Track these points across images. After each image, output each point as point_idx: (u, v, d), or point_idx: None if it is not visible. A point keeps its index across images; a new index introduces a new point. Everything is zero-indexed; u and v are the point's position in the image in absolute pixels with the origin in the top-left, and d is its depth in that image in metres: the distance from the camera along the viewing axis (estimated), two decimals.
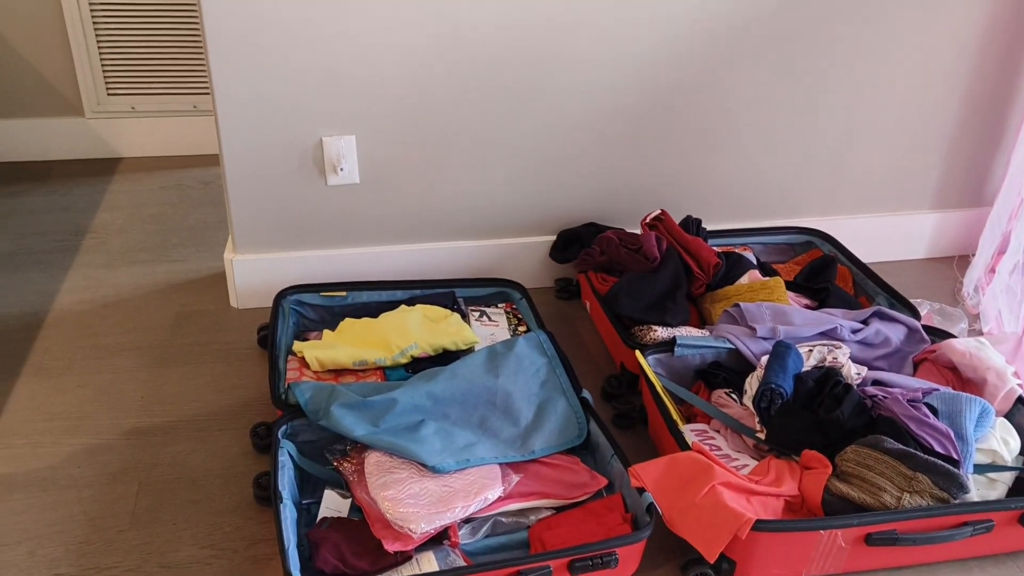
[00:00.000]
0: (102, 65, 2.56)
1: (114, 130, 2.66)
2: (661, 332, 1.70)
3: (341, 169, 1.87)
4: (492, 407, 1.52)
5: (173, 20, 2.54)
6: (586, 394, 1.56)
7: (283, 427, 1.46)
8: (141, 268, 2.12)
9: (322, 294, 1.87)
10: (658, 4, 1.82)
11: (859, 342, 1.69)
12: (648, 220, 1.94)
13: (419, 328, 1.74)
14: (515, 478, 1.38)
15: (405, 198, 1.95)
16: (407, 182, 1.93)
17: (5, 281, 2.03)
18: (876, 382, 1.58)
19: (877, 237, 2.26)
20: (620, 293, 1.77)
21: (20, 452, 1.53)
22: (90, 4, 2.47)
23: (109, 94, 2.61)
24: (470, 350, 1.73)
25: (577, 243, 2.02)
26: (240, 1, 1.66)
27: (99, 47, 2.54)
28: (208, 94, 2.66)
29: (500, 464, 1.41)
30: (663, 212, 1.94)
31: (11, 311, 1.92)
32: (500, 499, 1.34)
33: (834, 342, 1.64)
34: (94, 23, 2.50)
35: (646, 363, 1.58)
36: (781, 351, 1.53)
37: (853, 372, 1.57)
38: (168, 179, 2.58)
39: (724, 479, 1.29)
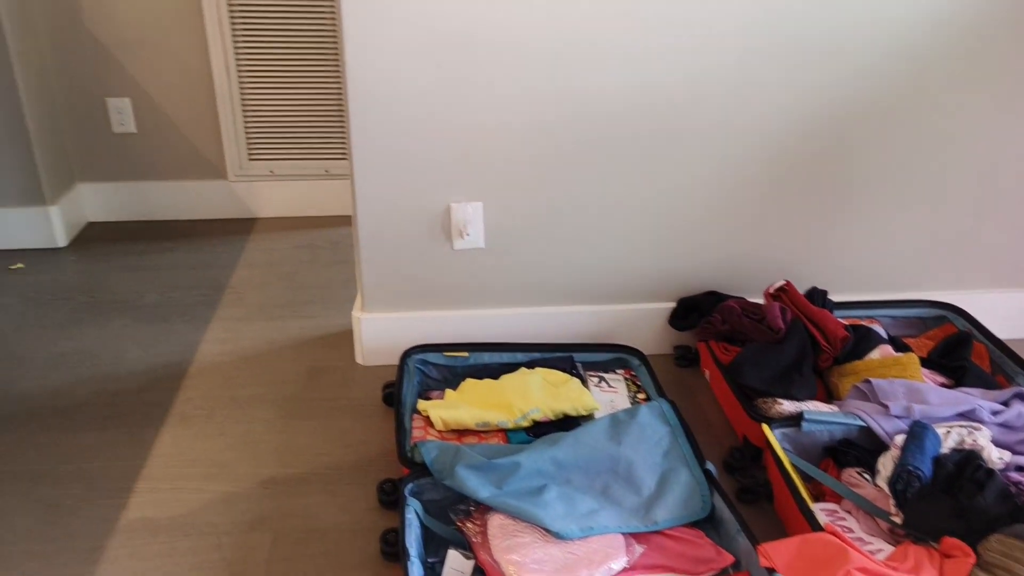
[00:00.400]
0: (246, 134, 2.75)
1: (253, 192, 2.85)
2: (787, 406, 1.66)
3: (467, 234, 1.94)
4: (615, 475, 1.52)
5: (311, 94, 2.72)
6: (710, 466, 1.54)
7: (409, 485, 1.50)
8: (276, 323, 2.24)
9: (445, 354, 1.93)
10: (783, 73, 1.83)
11: (1000, 424, 1.61)
12: (772, 290, 1.92)
13: (540, 392, 1.76)
14: (639, 549, 1.37)
15: (527, 262, 1.99)
16: (530, 247, 1.98)
17: (154, 331, 2.18)
18: (1020, 468, 1.50)
19: (1013, 313, 2.16)
20: (744, 364, 1.75)
21: (164, 496, 1.62)
22: (239, 79, 2.67)
23: (250, 159, 2.80)
24: (590, 416, 1.74)
25: (696, 311, 2.02)
26: (381, 77, 1.76)
27: (244, 118, 2.73)
28: (339, 160, 2.82)
29: (623, 534, 1.40)
30: (787, 283, 1.92)
31: (159, 360, 2.06)
32: (624, 570, 1.34)
33: (973, 424, 1.57)
34: (241, 96, 2.70)
35: (774, 437, 1.55)
36: (918, 431, 1.47)
37: (995, 456, 1.49)
38: (301, 239, 2.73)
39: (860, 564, 1.24)
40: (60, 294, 2.35)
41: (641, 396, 1.84)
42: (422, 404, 1.75)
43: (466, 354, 1.93)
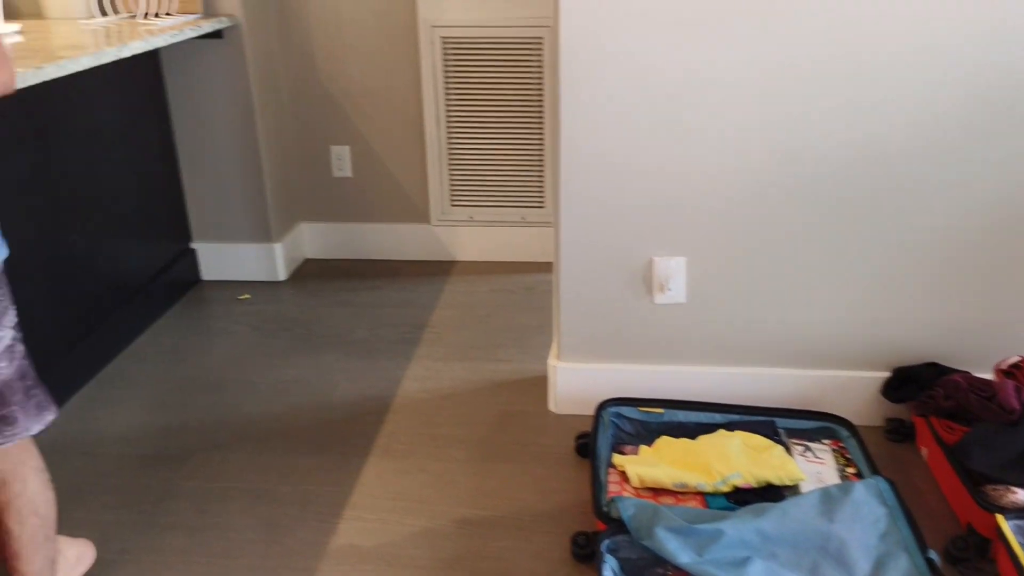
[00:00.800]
0: (450, 181, 2.90)
1: (453, 236, 2.98)
2: (1022, 495, 1.51)
3: (669, 289, 1.92)
4: (825, 553, 1.44)
5: (513, 144, 2.82)
6: (932, 554, 1.42)
7: (606, 541, 1.49)
8: (472, 364, 2.31)
9: (640, 409, 1.91)
10: (1017, 123, 1.69)
11: None
12: (1005, 367, 1.76)
13: (741, 456, 1.71)
14: None
15: (729, 320, 1.95)
16: (733, 305, 1.93)
17: (362, 365, 2.32)
18: None
19: None
20: (972, 445, 1.61)
21: (370, 526, 1.71)
22: (448, 129, 2.82)
23: (452, 205, 2.94)
24: (795, 487, 1.66)
25: (914, 383, 1.88)
26: (592, 129, 1.80)
27: (449, 166, 2.88)
28: (536, 208, 2.89)
29: None
30: (1023, 359, 1.75)
31: (366, 393, 2.18)
32: None
33: None
34: (448, 146, 2.84)
35: (1009, 530, 1.41)
36: None
37: None
38: (496, 283, 2.82)
39: None
40: (281, 325, 2.55)
41: (850, 470, 1.74)
42: (618, 459, 1.74)
43: (661, 410, 1.91)
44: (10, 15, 2.52)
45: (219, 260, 2.85)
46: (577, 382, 2.06)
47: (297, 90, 2.83)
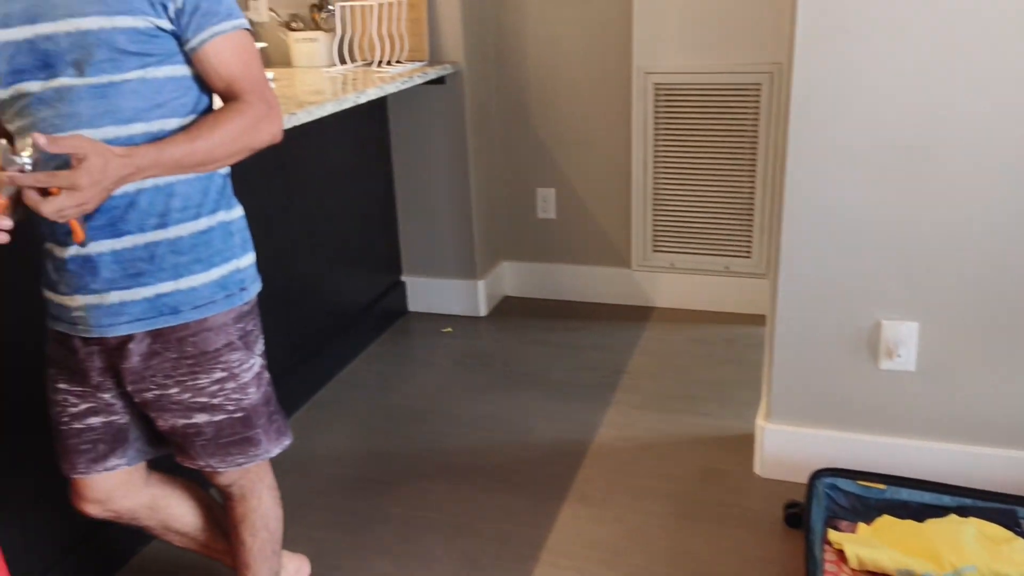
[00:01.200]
0: (653, 227, 2.87)
1: (653, 282, 2.94)
2: None
3: (897, 355, 1.79)
4: None
5: (720, 193, 2.75)
6: None
7: None
8: (670, 415, 2.26)
9: (859, 482, 1.78)
10: None
11: None
12: None
13: (976, 547, 1.54)
14: None
15: (965, 394, 1.78)
16: (970, 377, 1.76)
17: (559, 407, 2.32)
18: None
19: None
20: None
21: (566, 574, 1.69)
22: (655, 175, 2.80)
23: (653, 251, 2.91)
24: None
25: None
26: (819, 184, 1.73)
27: (654, 212, 2.85)
28: (741, 258, 2.80)
29: None
30: None
31: (562, 436, 2.18)
32: None
33: None
34: (654, 193, 2.82)
35: None
36: None
37: None
38: (695, 333, 2.74)
39: None
40: (481, 360, 2.62)
41: None
42: (835, 535, 1.62)
43: (883, 486, 1.76)
44: (263, 64, 2.78)
45: (425, 293, 2.98)
46: (786, 445, 1.95)
47: (508, 134, 2.92)
